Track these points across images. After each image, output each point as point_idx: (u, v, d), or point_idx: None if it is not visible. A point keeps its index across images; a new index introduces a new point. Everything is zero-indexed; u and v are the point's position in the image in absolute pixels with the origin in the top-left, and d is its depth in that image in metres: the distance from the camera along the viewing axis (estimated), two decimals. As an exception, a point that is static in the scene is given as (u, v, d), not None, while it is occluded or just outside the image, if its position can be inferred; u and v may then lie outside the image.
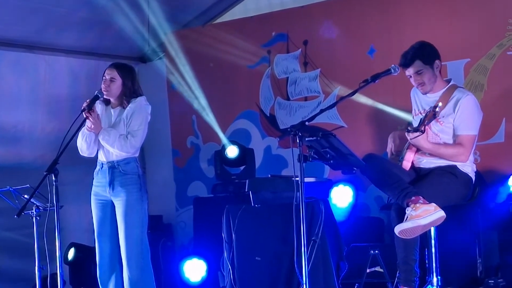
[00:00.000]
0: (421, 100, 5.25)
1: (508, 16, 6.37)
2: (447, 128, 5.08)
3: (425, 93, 5.17)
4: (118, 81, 5.44)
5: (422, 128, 4.68)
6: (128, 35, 7.79)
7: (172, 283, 7.23)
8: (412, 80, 5.15)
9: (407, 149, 5.22)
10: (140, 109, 5.43)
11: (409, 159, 5.18)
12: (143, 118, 5.42)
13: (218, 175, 7.48)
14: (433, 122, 5.01)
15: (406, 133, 4.87)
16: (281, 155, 7.61)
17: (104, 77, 5.46)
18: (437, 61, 5.12)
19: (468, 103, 5.06)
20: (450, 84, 5.19)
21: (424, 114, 4.81)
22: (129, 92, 5.47)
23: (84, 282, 7.43)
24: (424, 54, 5.09)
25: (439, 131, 5.10)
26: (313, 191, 5.60)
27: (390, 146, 5.40)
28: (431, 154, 5.10)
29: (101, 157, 5.48)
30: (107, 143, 5.36)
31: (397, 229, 4.79)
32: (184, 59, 8.04)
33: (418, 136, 4.80)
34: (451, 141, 5.12)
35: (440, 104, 4.93)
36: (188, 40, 8.12)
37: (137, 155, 5.48)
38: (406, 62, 5.10)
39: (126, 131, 5.39)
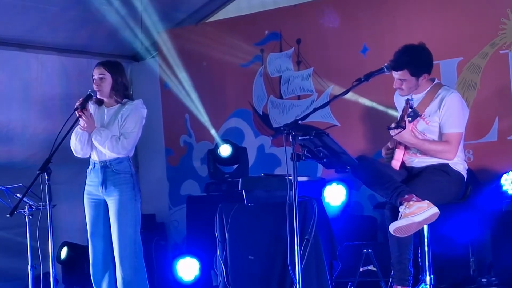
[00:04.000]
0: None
1: (501, 15, 6.38)
2: (433, 127, 5.07)
3: (402, 96, 5.15)
4: (108, 78, 5.42)
5: (403, 124, 4.70)
6: (121, 34, 7.79)
7: (165, 282, 7.23)
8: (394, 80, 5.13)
9: (395, 148, 5.22)
10: (135, 112, 5.41)
11: (398, 158, 5.17)
12: (137, 120, 5.41)
13: (211, 173, 7.48)
14: (418, 121, 5.02)
15: (389, 131, 4.87)
16: (274, 154, 7.61)
17: (93, 78, 5.44)
18: (425, 75, 5.05)
19: (453, 101, 5.03)
20: (434, 82, 5.17)
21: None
22: (121, 88, 5.45)
23: (77, 281, 7.42)
24: (415, 66, 5.00)
25: (425, 130, 5.09)
26: (306, 190, 5.60)
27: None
28: (423, 154, 5.10)
29: (94, 157, 5.46)
30: (98, 142, 5.35)
31: (392, 227, 4.79)
32: (177, 58, 8.03)
33: (400, 131, 4.80)
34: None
35: (413, 96, 4.94)
36: (181, 38, 8.11)
37: (130, 155, 5.47)
38: (394, 66, 5.02)
39: (120, 132, 5.38)
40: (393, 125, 4.78)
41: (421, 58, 5.05)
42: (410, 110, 4.78)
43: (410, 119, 4.80)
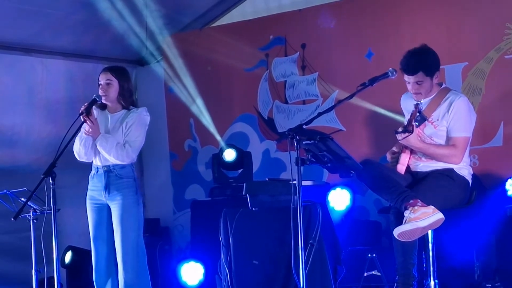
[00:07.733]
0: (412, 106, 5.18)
1: (506, 20, 6.37)
2: (441, 131, 5.06)
3: (418, 100, 5.14)
4: (115, 83, 5.43)
5: (410, 128, 4.71)
6: (126, 38, 7.78)
7: (169, 286, 7.22)
8: (409, 86, 5.08)
9: (401, 152, 5.21)
10: (140, 120, 5.43)
11: (403, 163, 5.16)
12: (142, 129, 5.43)
13: (216, 178, 7.48)
14: (426, 125, 5.02)
15: (396, 135, 4.86)
16: (279, 159, 7.61)
17: (99, 83, 5.45)
18: (437, 73, 5.07)
19: (461, 105, 5.03)
20: (442, 87, 5.17)
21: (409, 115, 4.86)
22: (127, 94, 5.46)
23: (81, 285, 7.41)
24: (428, 66, 5.02)
25: (432, 134, 5.08)
26: (311, 195, 5.59)
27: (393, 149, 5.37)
28: (428, 158, 5.09)
29: (96, 162, 5.47)
30: (104, 149, 5.35)
31: (396, 232, 4.78)
32: (182, 63, 8.04)
33: (408, 136, 4.80)
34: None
35: (422, 101, 4.94)
36: (186, 43, 8.11)
37: (134, 161, 5.48)
38: (409, 70, 5.02)
39: (124, 139, 5.38)
40: (400, 129, 4.78)
41: (430, 57, 5.08)
42: (417, 114, 4.78)
43: (417, 123, 4.80)
